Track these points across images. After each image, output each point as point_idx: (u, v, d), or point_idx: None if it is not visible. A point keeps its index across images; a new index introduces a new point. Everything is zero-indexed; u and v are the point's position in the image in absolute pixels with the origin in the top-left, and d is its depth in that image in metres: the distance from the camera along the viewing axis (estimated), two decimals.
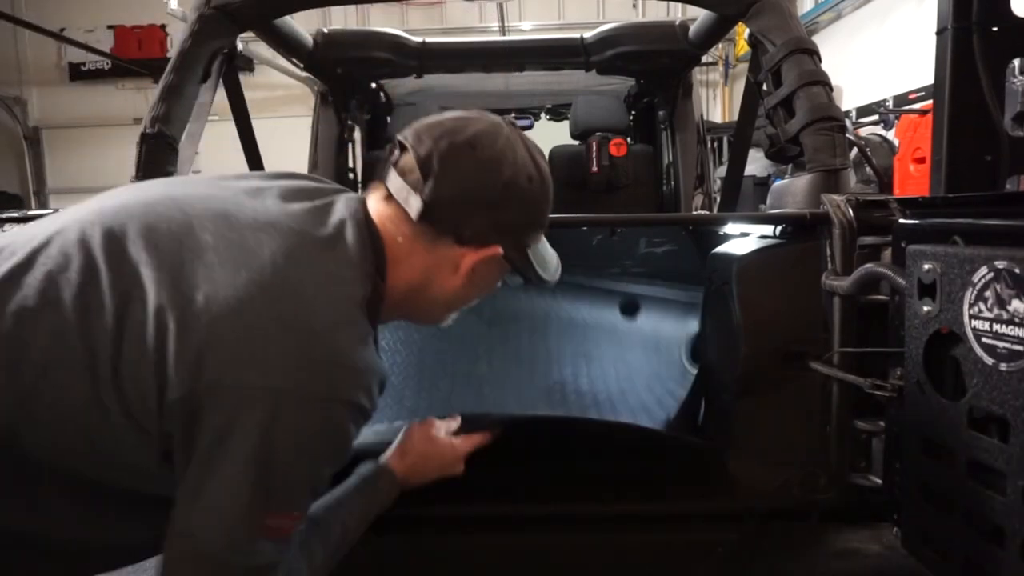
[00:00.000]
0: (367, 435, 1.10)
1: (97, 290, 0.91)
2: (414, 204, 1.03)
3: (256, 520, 0.91)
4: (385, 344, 2.42)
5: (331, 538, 1.12)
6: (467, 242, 1.07)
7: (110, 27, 10.15)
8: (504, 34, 9.04)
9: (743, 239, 1.79)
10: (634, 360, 2.39)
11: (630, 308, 2.66)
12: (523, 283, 1.18)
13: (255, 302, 0.92)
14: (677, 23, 2.75)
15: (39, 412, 0.90)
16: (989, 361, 1.00)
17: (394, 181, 1.06)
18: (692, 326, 2.18)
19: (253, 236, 0.97)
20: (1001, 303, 0.97)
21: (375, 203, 1.09)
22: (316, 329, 0.93)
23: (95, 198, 1.05)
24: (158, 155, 1.79)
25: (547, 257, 1.19)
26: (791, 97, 1.77)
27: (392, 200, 1.06)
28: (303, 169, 3.40)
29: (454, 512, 1.48)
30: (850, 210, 1.41)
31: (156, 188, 1.07)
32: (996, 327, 0.99)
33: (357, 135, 3.64)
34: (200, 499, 0.90)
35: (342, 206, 1.07)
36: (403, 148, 1.06)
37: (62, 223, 0.98)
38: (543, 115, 4.24)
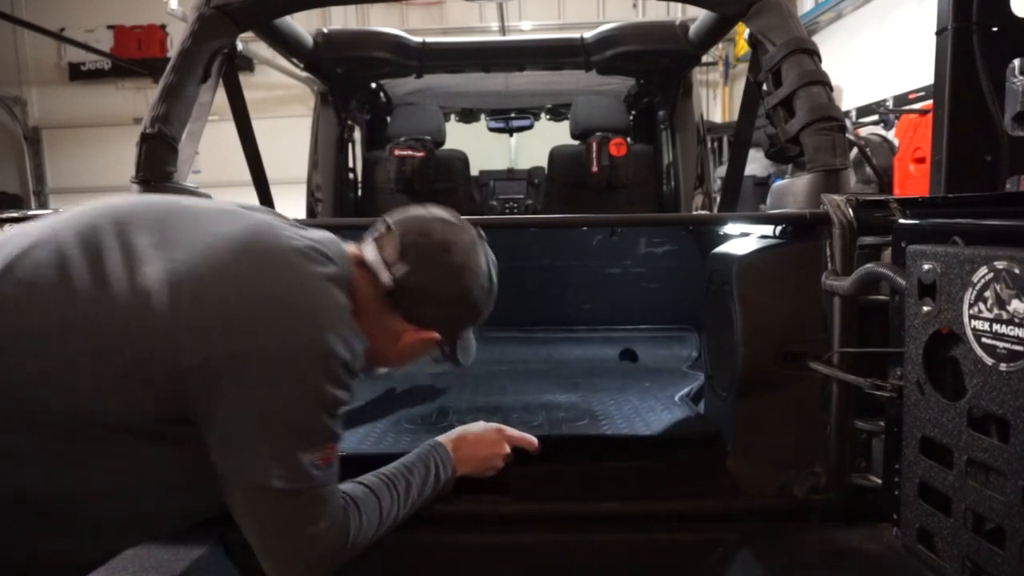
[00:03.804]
0: None
1: (104, 266, 1.03)
2: (386, 282, 1.21)
3: (286, 451, 1.06)
4: None
5: (399, 491, 1.31)
6: (413, 322, 1.26)
7: (110, 27, 10.13)
8: (504, 34, 9.04)
9: (743, 239, 1.79)
10: None
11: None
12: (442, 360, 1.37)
13: (255, 281, 1.07)
14: (677, 23, 2.75)
15: (49, 374, 0.99)
16: (989, 361, 1.00)
17: (371, 253, 1.24)
18: None
19: (251, 228, 1.13)
20: (1001, 303, 0.97)
21: (352, 247, 1.26)
22: (308, 301, 1.09)
23: (98, 201, 1.17)
24: (158, 155, 1.79)
25: (470, 345, 1.38)
26: (791, 97, 1.77)
27: (365, 267, 1.23)
28: (303, 169, 3.41)
29: (458, 510, 1.48)
30: (850, 210, 1.40)
31: (155, 195, 1.22)
32: (996, 327, 0.99)
33: (357, 135, 3.64)
34: (234, 445, 1.05)
35: (322, 233, 1.24)
36: (389, 229, 1.24)
37: (69, 216, 1.11)
38: (543, 115, 4.24)
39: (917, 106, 6.09)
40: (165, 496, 1.11)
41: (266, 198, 2.53)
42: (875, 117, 6.79)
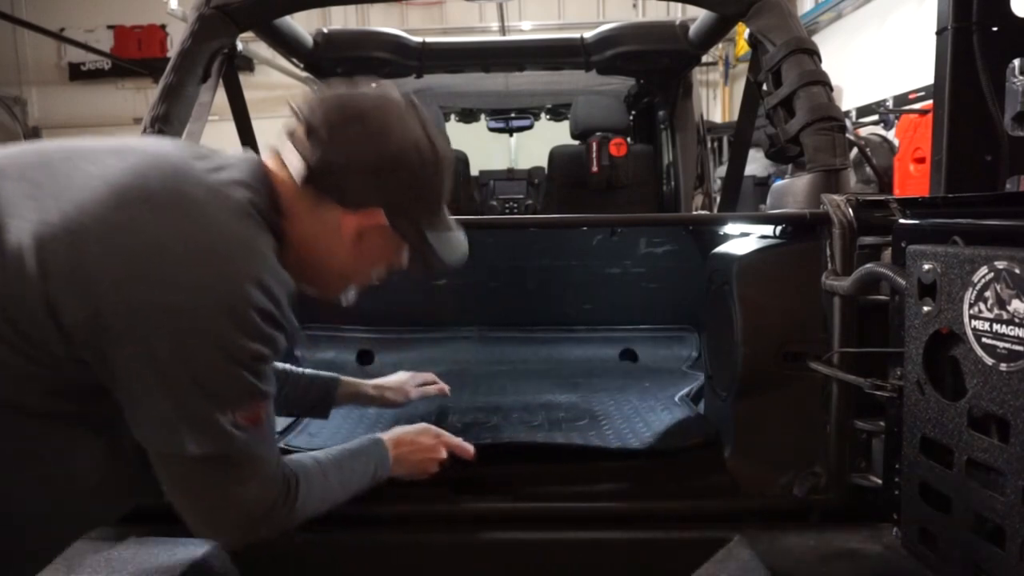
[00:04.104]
0: None
1: None
2: (298, 167, 1.07)
3: (198, 413, 0.96)
4: None
5: (344, 474, 1.24)
6: (349, 206, 1.09)
7: (110, 27, 10.14)
8: (504, 34, 9.04)
9: (743, 239, 1.79)
10: None
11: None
12: (421, 263, 1.20)
13: (150, 223, 0.94)
14: (677, 23, 2.75)
15: None
16: (989, 361, 1.00)
17: (284, 145, 1.10)
18: None
19: (141, 164, 1.00)
20: (1001, 303, 0.97)
21: (269, 157, 1.13)
22: (213, 244, 0.96)
23: None
24: None
25: (448, 237, 1.21)
26: (791, 97, 1.77)
27: (282, 162, 1.10)
28: None
29: (458, 509, 1.49)
30: (850, 210, 1.40)
31: (37, 141, 1.11)
32: (996, 327, 0.99)
33: None
34: (141, 409, 0.97)
35: (232, 153, 1.13)
36: (296, 116, 1.10)
37: None
38: (543, 115, 4.24)
39: (917, 106, 6.10)
40: (103, 484, 1.04)
41: None
42: (875, 117, 6.80)
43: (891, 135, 5.98)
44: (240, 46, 2.11)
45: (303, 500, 1.12)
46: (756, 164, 6.50)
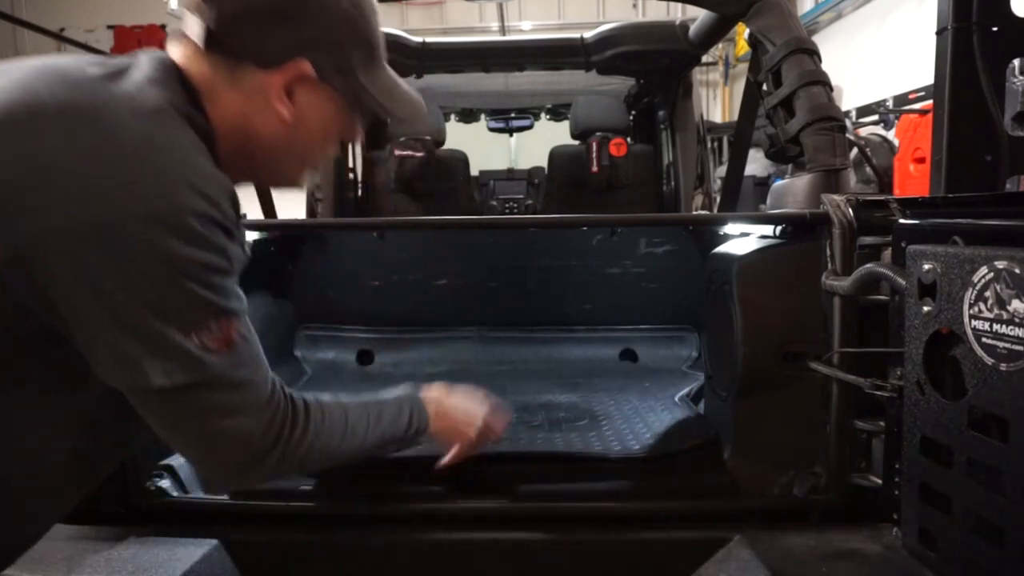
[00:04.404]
0: None
1: None
2: (199, 32, 0.95)
3: (156, 340, 0.86)
4: None
5: (370, 416, 1.16)
6: (269, 63, 0.96)
7: (110, 27, 10.16)
8: (504, 34, 9.05)
9: (743, 239, 1.79)
10: None
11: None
12: (374, 117, 1.10)
13: (45, 141, 0.84)
14: (677, 23, 2.75)
15: None
16: (989, 361, 1.00)
17: (184, 19, 0.98)
18: None
19: (26, 78, 0.89)
20: (1001, 303, 0.97)
21: (174, 46, 1.00)
22: (124, 148, 0.85)
23: None
24: None
25: (393, 88, 1.08)
26: (791, 97, 1.77)
27: (185, 37, 0.98)
28: None
29: (459, 508, 1.49)
30: (850, 210, 1.41)
31: None
32: (996, 327, 0.99)
33: None
34: (97, 346, 0.88)
35: (130, 55, 1.00)
36: None
37: None
38: (543, 115, 4.24)
39: (917, 106, 6.11)
40: (76, 448, 0.96)
41: (266, 198, 2.53)
42: (875, 117, 6.81)
43: (891, 135, 5.99)
44: None
45: (317, 432, 1.03)
46: (756, 164, 6.51)
